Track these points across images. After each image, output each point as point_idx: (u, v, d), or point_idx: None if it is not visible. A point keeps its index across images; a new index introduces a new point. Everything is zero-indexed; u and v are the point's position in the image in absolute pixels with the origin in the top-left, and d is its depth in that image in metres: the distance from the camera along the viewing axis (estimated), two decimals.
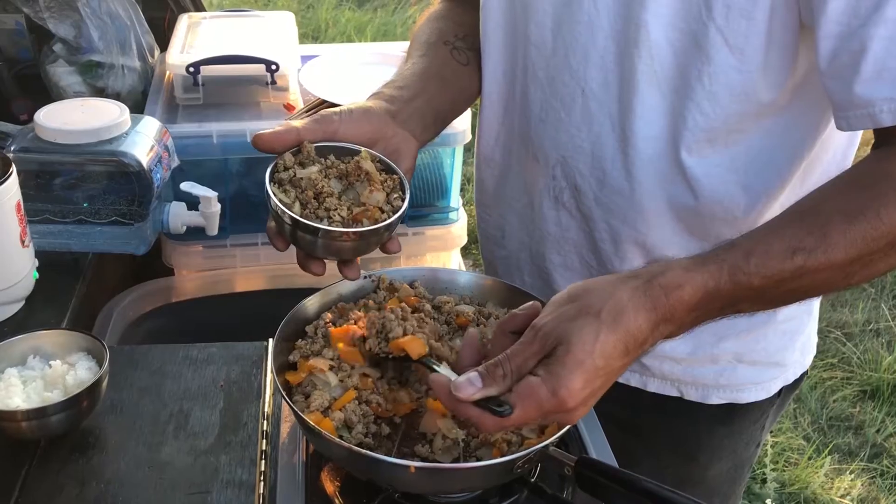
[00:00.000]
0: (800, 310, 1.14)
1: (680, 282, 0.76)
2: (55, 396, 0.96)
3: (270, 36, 1.69)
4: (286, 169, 0.86)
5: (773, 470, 2.44)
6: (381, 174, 0.89)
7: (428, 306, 0.93)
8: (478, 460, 0.80)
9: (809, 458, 2.51)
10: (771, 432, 2.57)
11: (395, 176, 0.90)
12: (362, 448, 0.80)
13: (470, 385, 0.71)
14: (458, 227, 1.64)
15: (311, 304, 0.93)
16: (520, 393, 0.70)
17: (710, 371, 1.12)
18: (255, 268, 1.59)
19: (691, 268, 0.77)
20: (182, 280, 1.57)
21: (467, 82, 1.14)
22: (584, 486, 0.74)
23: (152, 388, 1.08)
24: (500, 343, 0.78)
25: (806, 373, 1.23)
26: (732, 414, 1.17)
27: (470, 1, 1.13)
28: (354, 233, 0.82)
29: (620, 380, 1.16)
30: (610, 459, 0.89)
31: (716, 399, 1.14)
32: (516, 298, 0.96)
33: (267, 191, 0.83)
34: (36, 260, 1.22)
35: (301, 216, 0.82)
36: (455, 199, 1.63)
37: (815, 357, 1.25)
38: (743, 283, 0.77)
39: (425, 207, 1.61)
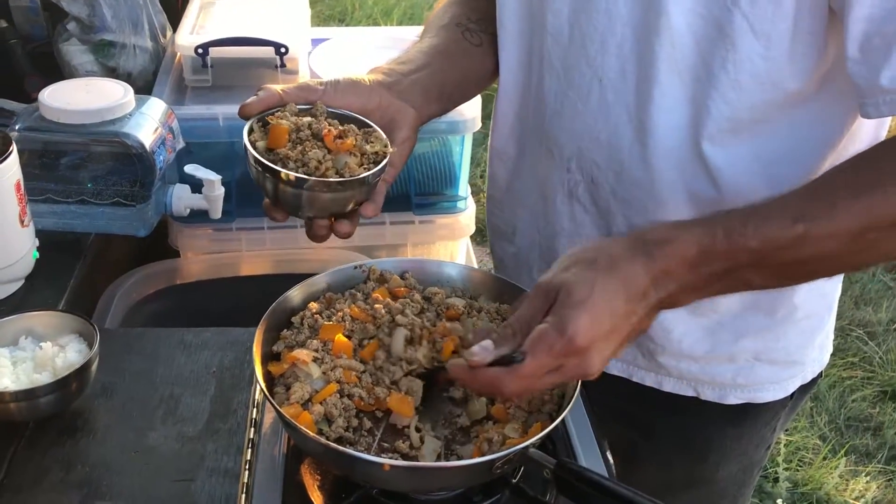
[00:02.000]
0: (820, 306, 1.11)
1: (669, 236, 0.78)
2: (44, 378, 0.96)
3: (283, 18, 1.68)
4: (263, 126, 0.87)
5: (785, 469, 2.40)
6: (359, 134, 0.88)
7: (417, 296, 0.91)
8: (458, 459, 0.78)
9: (824, 458, 2.46)
10: (786, 431, 2.53)
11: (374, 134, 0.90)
12: (342, 442, 0.79)
13: (483, 350, 0.74)
14: (467, 216, 1.62)
15: (296, 294, 0.91)
16: (530, 340, 0.73)
17: (727, 370, 1.10)
18: (261, 252, 1.58)
19: (681, 225, 0.80)
20: (187, 262, 1.57)
21: (479, 63, 1.11)
22: (563, 490, 0.72)
23: (145, 372, 1.08)
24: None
25: (822, 372, 1.20)
26: (744, 415, 1.15)
27: None
28: (321, 182, 0.81)
29: (635, 378, 1.17)
30: (597, 462, 0.87)
31: (733, 399, 1.12)
32: (509, 293, 0.94)
33: (244, 145, 0.83)
34: (36, 240, 1.22)
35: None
36: (463, 188, 1.61)
37: (835, 355, 1.23)
38: (739, 243, 0.77)
39: (433, 196, 1.59)
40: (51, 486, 0.90)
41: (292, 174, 0.81)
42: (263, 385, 0.79)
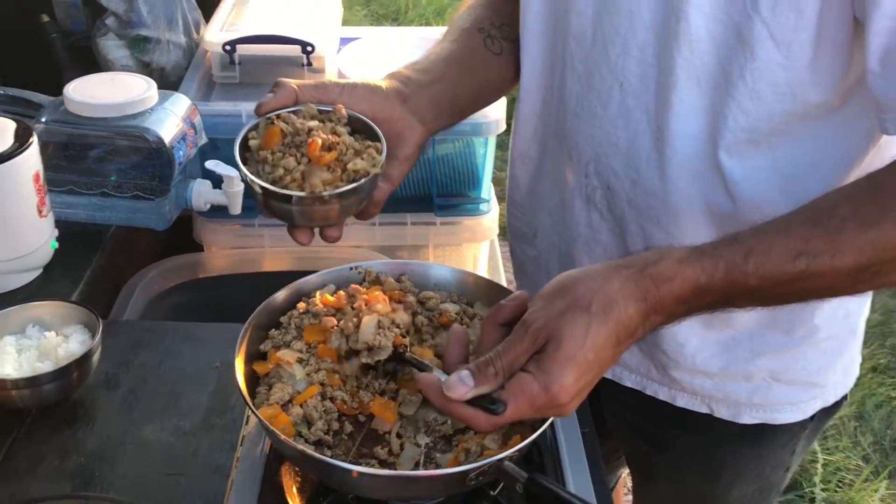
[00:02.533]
0: (843, 328, 1.07)
1: (671, 274, 0.75)
2: (45, 367, 0.98)
3: (313, 16, 1.68)
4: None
5: (823, 490, 2.32)
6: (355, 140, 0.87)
7: (411, 298, 0.90)
8: (436, 467, 0.77)
9: (865, 480, 2.37)
10: (826, 450, 2.45)
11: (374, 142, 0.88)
12: (321, 446, 0.78)
13: (461, 384, 0.71)
14: (489, 219, 1.60)
15: (287, 293, 0.91)
16: (512, 390, 0.70)
17: (743, 388, 1.06)
18: (283, 248, 1.59)
19: (685, 260, 0.76)
20: (210, 257, 1.59)
21: (497, 73, 1.10)
22: None
23: (149, 364, 1.09)
24: (489, 336, 0.77)
25: (846, 396, 1.15)
26: (760, 436, 1.11)
27: None
28: (279, 194, 0.81)
29: (648, 391, 1.14)
30: (584, 475, 0.84)
31: (748, 418, 1.08)
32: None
33: (236, 161, 0.83)
34: (56, 230, 1.25)
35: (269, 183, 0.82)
36: (486, 190, 1.59)
37: (884, 374, 1.17)
38: (738, 281, 0.75)
39: (456, 197, 1.58)
40: (45, 475, 0.92)
41: (257, 185, 0.81)
42: (243, 384, 0.79)
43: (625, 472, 1.52)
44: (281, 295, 0.91)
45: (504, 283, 1.40)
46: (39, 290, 1.21)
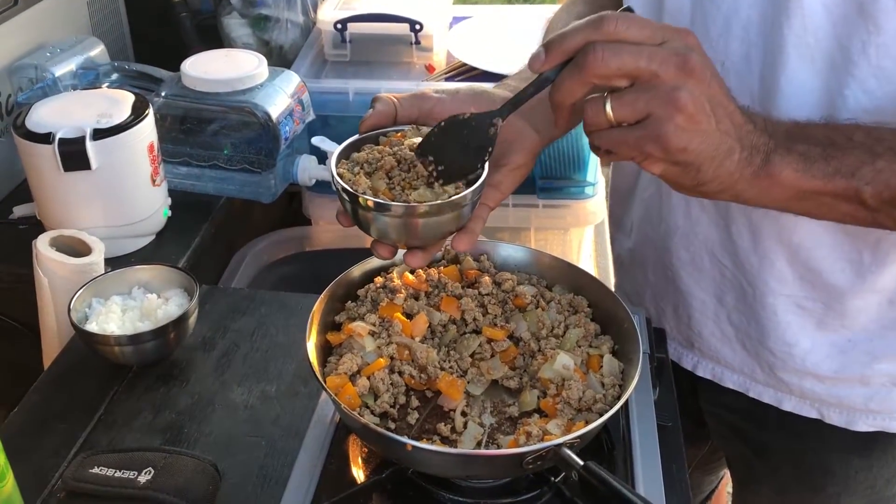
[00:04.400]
0: None
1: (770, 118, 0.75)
2: (145, 326, 1.03)
3: None
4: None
5: None
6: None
7: (487, 279, 0.90)
8: (497, 448, 0.76)
9: None
10: None
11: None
12: (385, 418, 0.79)
13: (536, 59, 0.70)
14: (595, 203, 1.56)
15: (361, 269, 0.93)
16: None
17: (859, 393, 1.00)
18: None
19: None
20: (318, 230, 1.63)
21: None
22: (588, 495, 0.68)
23: (244, 331, 1.13)
24: None
25: None
26: (874, 444, 1.04)
27: None
28: (398, 206, 0.73)
29: (752, 393, 1.09)
30: (656, 472, 0.81)
31: (863, 426, 1.01)
32: (587, 284, 0.90)
33: (330, 167, 0.79)
34: (169, 199, 1.32)
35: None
36: (592, 174, 1.55)
37: None
38: (842, 131, 0.73)
39: (559, 180, 1.55)
40: (139, 427, 0.97)
41: (370, 199, 0.73)
42: (313, 352, 0.80)
43: (727, 474, 1.46)
44: (358, 269, 0.92)
45: (611, 271, 1.36)
46: (152, 255, 1.28)
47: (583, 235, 1.62)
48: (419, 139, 0.78)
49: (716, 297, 1.02)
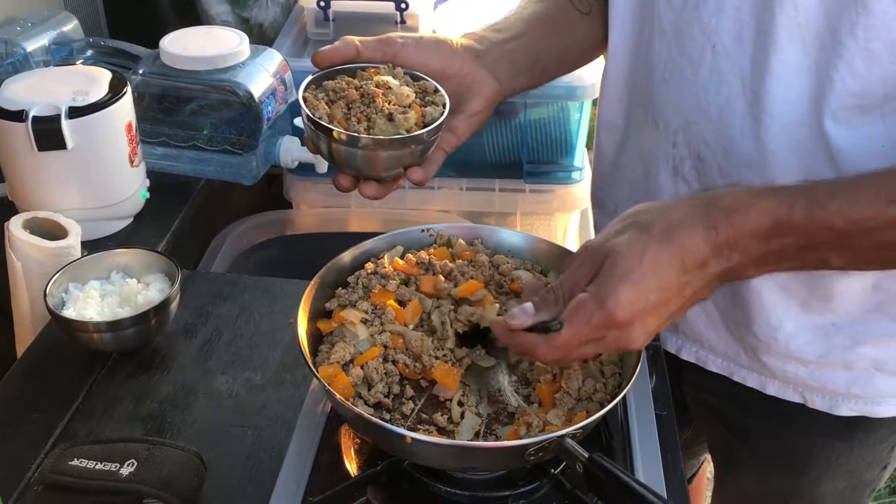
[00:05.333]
0: None
1: (745, 206, 0.71)
2: (125, 312, 1.00)
3: None
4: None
5: None
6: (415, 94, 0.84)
7: (483, 258, 0.88)
8: (496, 439, 0.74)
9: None
10: None
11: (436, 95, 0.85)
12: (380, 408, 0.77)
13: (522, 313, 0.72)
14: (581, 188, 1.55)
15: (351, 255, 0.90)
16: (569, 309, 0.70)
17: (841, 378, 0.99)
18: (370, 209, 1.58)
19: (761, 193, 0.72)
20: (298, 214, 1.60)
21: (584, 32, 1.05)
22: (593, 486, 0.66)
23: (227, 317, 1.10)
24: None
25: None
26: (855, 429, 1.04)
27: None
28: (353, 137, 0.78)
29: (735, 377, 1.08)
30: (655, 460, 0.80)
31: (845, 410, 1.01)
32: None
33: (299, 101, 0.81)
34: (147, 180, 1.27)
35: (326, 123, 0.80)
36: (580, 158, 1.54)
37: None
38: (821, 219, 0.70)
39: (546, 164, 1.53)
40: (119, 417, 0.94)
41: (343, 132, 0.78)
42: (304, 341, 0.78)
43: (708, 458, 1.46)
44: (349, 254, 0.89)
45: None
46: (129, 238, 1.24)
47: (568, 221, 1.60)
48: (390, 77, 0.83)
49: None
